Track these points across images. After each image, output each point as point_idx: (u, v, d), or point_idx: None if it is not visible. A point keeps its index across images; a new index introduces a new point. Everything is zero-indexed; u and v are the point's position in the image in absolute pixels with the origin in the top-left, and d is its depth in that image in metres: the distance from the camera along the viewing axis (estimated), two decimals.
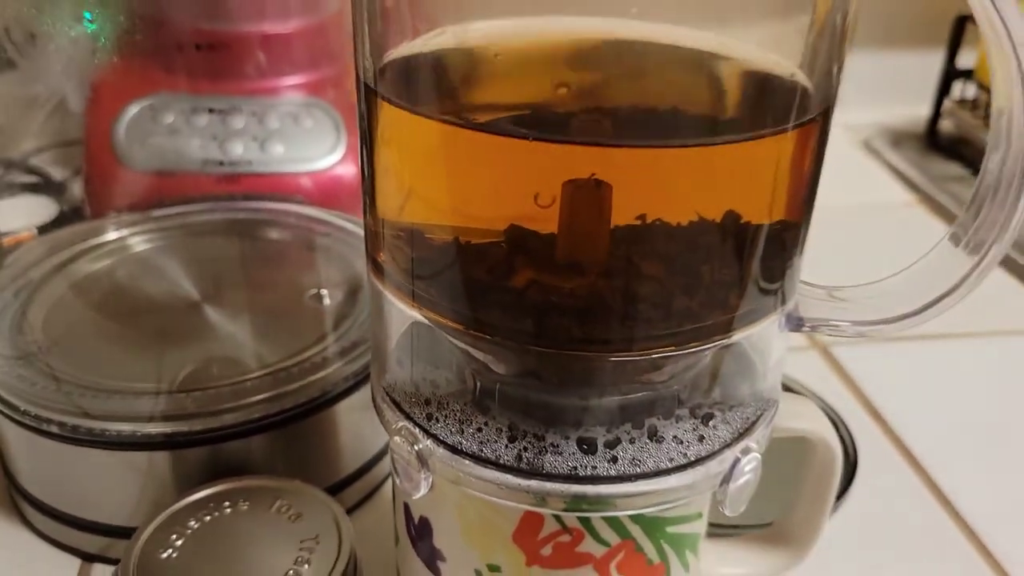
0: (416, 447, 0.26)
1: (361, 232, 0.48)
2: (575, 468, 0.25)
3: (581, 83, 0.26)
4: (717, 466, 0.26)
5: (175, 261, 0.45)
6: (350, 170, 0.55)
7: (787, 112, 0.24)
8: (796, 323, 0.27)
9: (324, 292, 0.44)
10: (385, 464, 0.43)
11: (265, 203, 0.51)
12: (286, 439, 0.38)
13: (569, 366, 0.25)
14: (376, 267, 0.27)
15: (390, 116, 0.25)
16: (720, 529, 0.34)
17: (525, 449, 0.25)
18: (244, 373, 0.39)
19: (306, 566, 0.32)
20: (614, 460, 0.25)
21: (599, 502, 0.25)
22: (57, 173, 0.62)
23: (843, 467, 0.42)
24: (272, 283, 0.45)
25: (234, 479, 0.36)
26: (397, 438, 0.26)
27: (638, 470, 0.25)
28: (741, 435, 0.26)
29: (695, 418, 0.26)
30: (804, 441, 0.32)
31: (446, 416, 0.26)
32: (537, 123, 0.25)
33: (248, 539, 0.33)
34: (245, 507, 0.35)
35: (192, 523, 0.34)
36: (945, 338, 0.56)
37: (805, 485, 0.33)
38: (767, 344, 0.27)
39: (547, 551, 0.27)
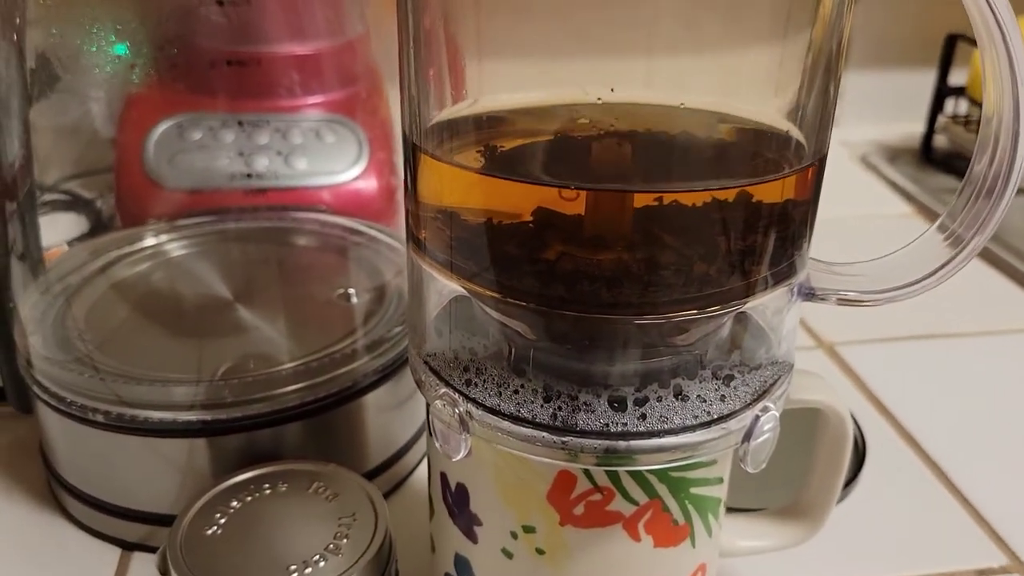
0: (457, 410, 0.28)
1: (384, 238, 0.50)
2: (607, 425, 0.26)
3: (600, 117, 0.28)
4: (738, 423, 0.27)
5: (209, 265, 0.47)
6: (371, 184, 0.57)
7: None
8: (807, 293, 0.29)
9: (352, 291, 0.46)
10: (412, 456, 0.45)
11: (291, 212, 0.53)
12: (317, 428, 0.40)
13: (598, 330, 0.26)
14: (417, 244, 0.29)
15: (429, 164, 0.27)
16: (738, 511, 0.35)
17: (560, 408, 0.27)
18: (277, 366, 0.40)
19: (344, 540, 0.34)
20: (643, 417, 0.26)
21: (628, 456, 0.26)
22: (88, 194, 0.64)
23: (852, 455, 0.44)
24: (302, 284, 0.47)
25: (272, 463, 0.38)
26: (439, 403, 0.28)
27: (665, 426, 0.27)
28: (760, 395, 0.28)
29: (717, 379, 0.28)
30: (816, 415, 0.33)
31: (484, 381, 0.28)
32: (561, 146, 0.28)
33: (288, 517, 0.35)
34: (284, 488, 0.36)
35: (234, 503, 0.36)
36: (948, 337, 0.58)
37: (818, 458, 0.35)
38: (781, 312, 0.28)
39: (579, 510, 0.29)
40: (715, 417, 0.27)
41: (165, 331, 0.43)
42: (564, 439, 0.26)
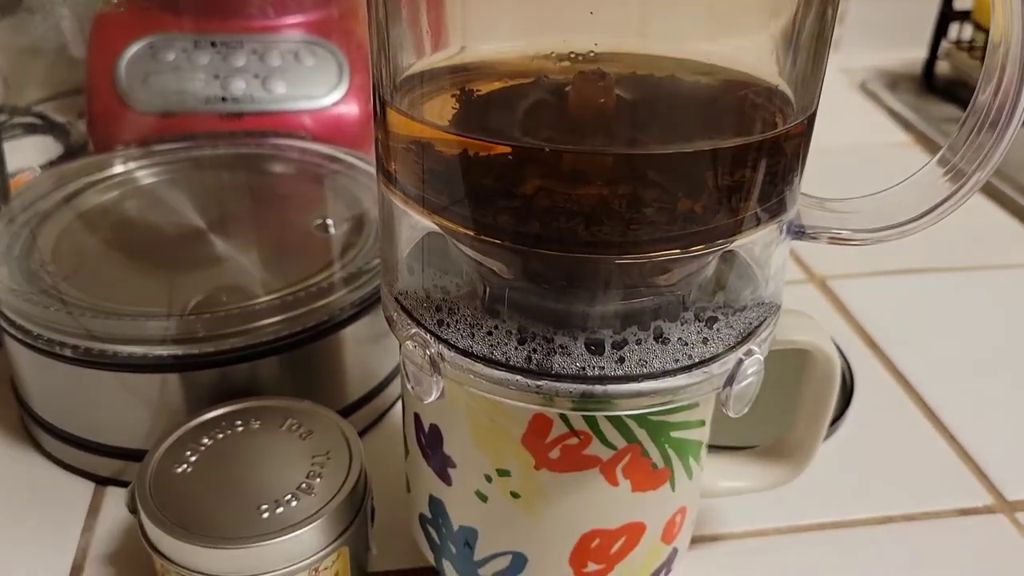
0: (428, 352, 0.27)
1: (364, 166, 0.49)
2: (583, 368, 0.25)
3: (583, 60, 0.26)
4: (720, 367, 0.26)
5: (181, 193, 0.45)
6: (352, 109, 0.56)
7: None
8: (797, 231, 0.28)
9: (330, 222, 0.44)
10: (391, 391, 0.44)
11: (269, 139, 0.52)
12: (293, 363, 0.39)
13: (576, 269, 0.25)
14: (387, 177, 0.27)
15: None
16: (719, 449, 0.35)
17: (534, 351, 0.26)
18: (251, 299, 0.39)
19: (318, 480, 0.33)
20: (621, 361, 0.25)
21: (606, 400, 0.25)
22: (60, 117, 0.62)
23: (840, 392, 0.43)
24: (278, 213, 0.45)
25: (245, 400, 0.37)
26: (409, 344, 0.27)
27: (644, 370, 0.26)
28: (744, 338, 0.27)
29: (700, 321, 0.26)
30: (804, 355, 0.32)
31: (457, 321, 0.27)
32: (540, 89, 0.27)
33: (260, 455, 0.34)
34: (257, 425, 0.36)
35: (205, 440, 0.35)
36: (944, 272, 0.57)
37: (804, 399, 0.34)
38: (768, 251, 0.27)
39: (555, 454, 0.28)
40: (696, 361, 0.26)
41: (135, 262, 0.41)
42: (539, 383, 0.25)
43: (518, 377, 0.26)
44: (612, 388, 0.25)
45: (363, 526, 0.34)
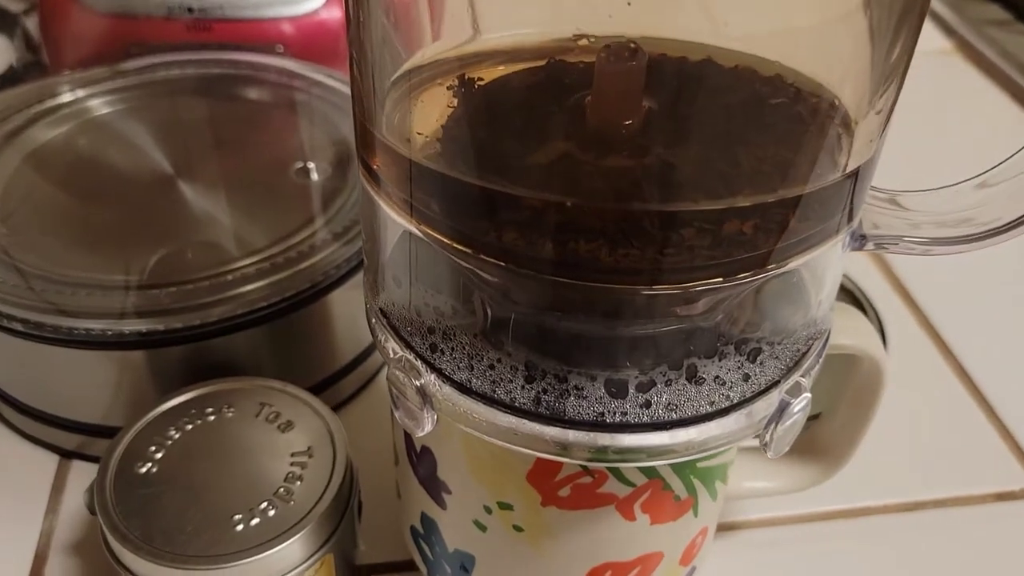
0: (418, 382, 0.23)
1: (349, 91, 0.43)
2: (602, 414, 0.21)
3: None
4: (764, 408, 0.22)
5: (143, 127, 0.40)
6: (335, 15, 0.50)
7: None
8: (859, 241, 0.23)
9: (311, 166, 0.39)
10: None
11: (241, 55, 0.46)
12: (274, 334, 0.35)
13: (596, 299, 0.21)
14: (369, 173, 0.22)
15: None
16: None
17: (544, 391, 0.22)
18: (225, 261, 0.35)
19: (298, 483, 0.30)
20: (647, 405, 0.21)
21: (630, 452, 0.22)
22: (13, 6, 0.56)
23: None
24: (253, 153, 0.40)
25: (217, 381, 0.33)
26: (396, 371, 0.23)
27: (674, 416, 0.22)
28: (790, 369, 0.23)
29: (740, 355, 0.22)
30: (850, 356, 0.28)
31: (453, 349, 0.22)
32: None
33: (234, 453, 0.31)
34: (230, 414, 0.32)
35: (172, 432, 0.31)
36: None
37: (844, 400, 0.30)
38: (825, 266, 0.23)
39: (565, 492, 0.24)
40: (736, 402, 0.22)
41: (93, 217, 0.37)
42: (549, 430, 0.21)
43: (525, 422, 0.22)
44: (636, 439, 0.22)
45: (349, 527, 0.31)
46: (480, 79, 0.22)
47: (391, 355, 0.23)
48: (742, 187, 0.21)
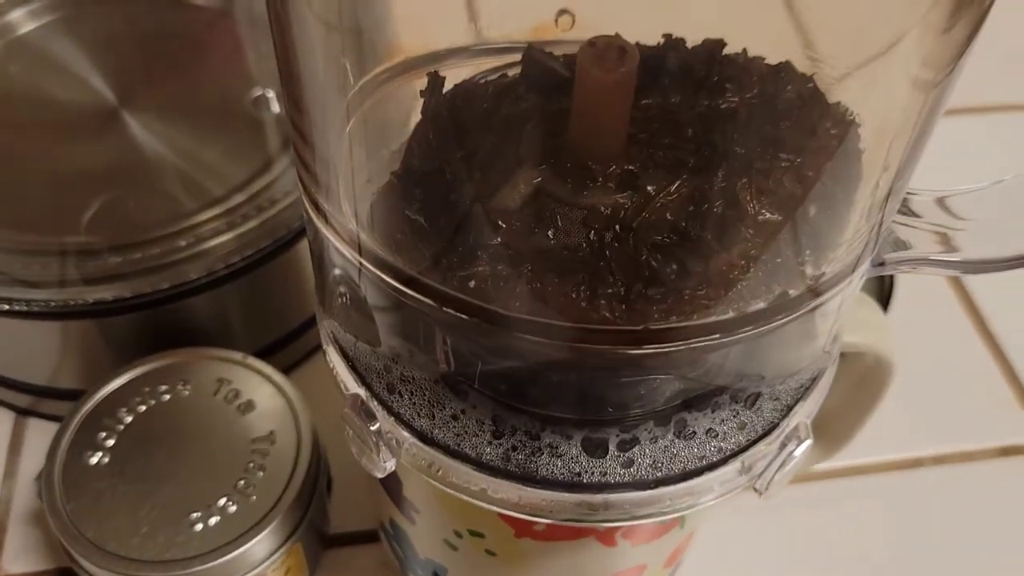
0: (374, 426, 0.20)
1: None
2: (579, 474, 0.19)
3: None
4: (761, 455, 0.20)
5: (77, 46, 0.36)
6: None
7: None
8: (877, 264, 0.20)
9: (270, 95, 0.35)
10: None
11: None
12: (237, 295, 0.32)
13: (572, 358, 0.18)
14: (312, 202, 0.19)
15: None
16: None
17: (514, 448, 0.19)
18: (179, 216, 0.31)
19: (260, 473, 0.28)
20: (628, 464, 0.19)
21: (611, 512, 0.19)
22: None
23: (878, 289, 0.37)
24: (205, 79, 0.36)
25: (171, 353, 0.30)
26: (348, 410, 0.20)
27: (659, 474, 0.19)
28: (791, 408, 0.21)
29: (737, 403, 0.20)
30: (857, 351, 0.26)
31: (412, 393, 0.20)
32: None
33: (190, 439, 0.29)
34: (187, 392, 0.30)
35: (124, 414, 0.29)
36: None
37: (849, 393, 0.28)
38: (842, 300, 0.20)
39: (541, 527, 0.22)
40: (728, 455, 0.20)
41: (25, 161, 0.33)
42: (521, 491, 0.19)
43: (491, 480, 0.19)
44: (616, 497, 0.19)
45: (318, 510, 0.29)
46: (439, 86, 0.19)
47: (344, 390, 0.21)
48: (749, 231, 0.17)
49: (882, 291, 0.40)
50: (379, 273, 0.18)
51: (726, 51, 0.20)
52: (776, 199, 0.18)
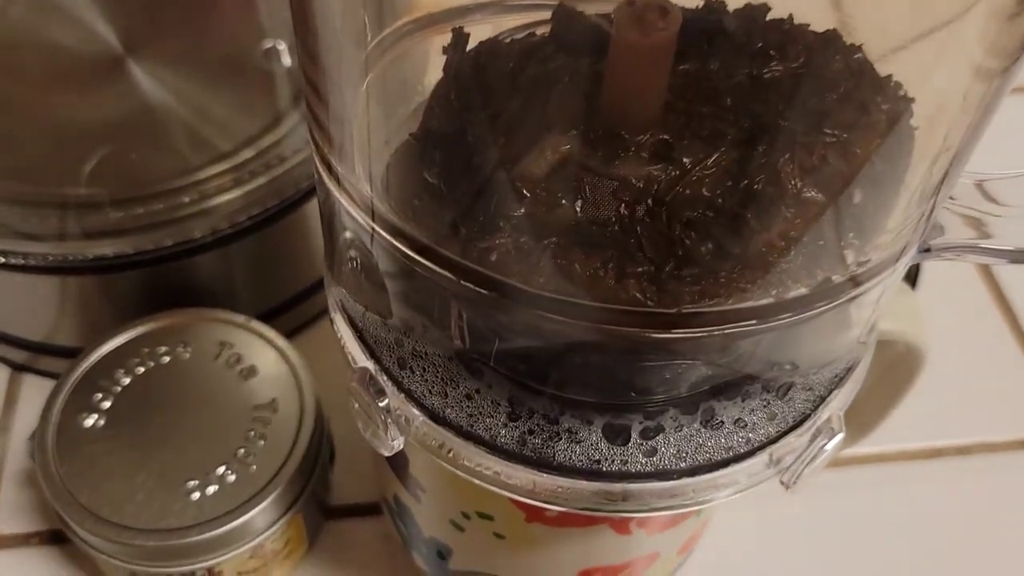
0: (382, 402, 0.19)
1: None
2: (598, 461, 0.18)
3: None
4: (790, 448, 0.19)
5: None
6: None
7: None
8: (923, 248, 0.19)
9: (281, 47, 0.34)
10: None
11: None
12: (240, 255, 0.31)
13: (596, 336, 0.17)
14: (326, 165, 0.18)
15: None
16: None
17: (531, 432, 0.18)
18: (184, 170, 0.30)
19: (261, 442, 0.27)
20: (651, 452, 0.18)
21: (631, 502, 0.18)
22: None
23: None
24: (215, 28, 0.34)
25: (172, 313, 0.29)
26: (355, 384, 0.19)
27: (683, 464, 0.18)
28: (823, 399, 0.19)
29: (768, 392, 0.19)
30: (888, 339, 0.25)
31: (424, 369, 0.19)
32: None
33: (189, 403, 0.28)
34: (187, 355, 0.29)
35: (122, 375, 0.28)
36: None
37: (877, 381, 0.26)
38: (884, 285, 0.19)
39: (553, 513, 0.21)
40: (756, 446, 0.19)
41: (27, 109, 0.32)
42: (536, 477, 0.18)
43: (506, 465, 0.18)
44: (636, 487, 0.18)
45: (320, 481, 0.28)
46: (463, 43, 0.17)
47: (351, 363, 0.20)
48: (790, 210, 0.16)
49: (909, 272, 0.38)
50: (393, 240, 0.17)
51: (769, 16, 0.18)
52: (820, 177, 0.17)
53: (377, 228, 0.17)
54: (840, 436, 0.19)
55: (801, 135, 0.17)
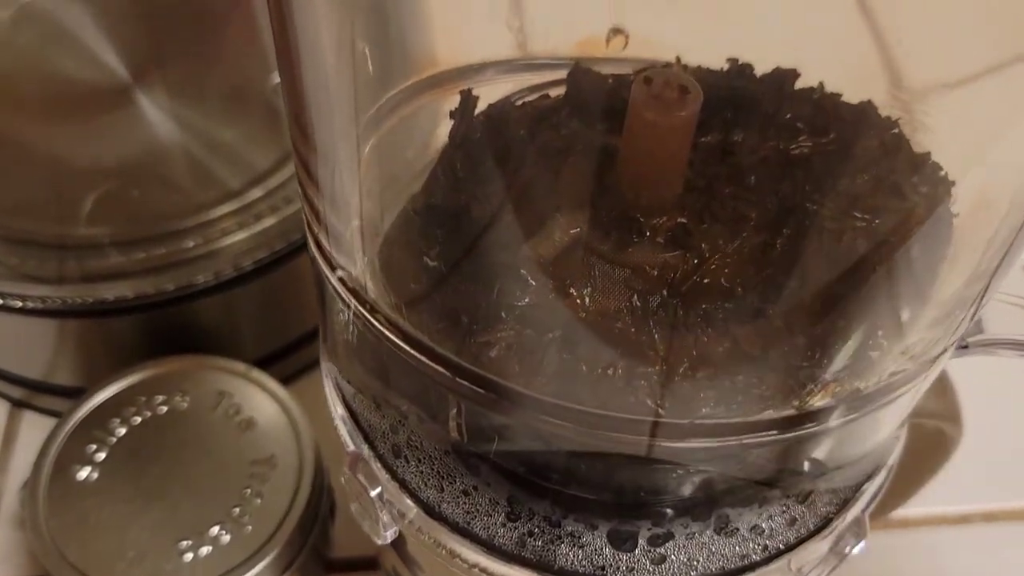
0: (374, 492, 0.18)
1: None
2: (602, 568, 0.17)
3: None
4: (809, 556, 0.18)
5: (89, 18, 0.33)
6: None
7: None
8: (960, 345, 0.18)
9: None
10: None
11: None
12: (243, 299, 0.30)
13: (605, 445, 0.16)
14: (318, 247, 0.17)
15: None
16: None
17: (531, 534, 0.17)
18: (187, 211, 0.29)
19: (257, 501, 0.26)
20: (660, 560, 0.17)
21: None
22: None
23: None
24: (225, 61, 0.34)
25: (171, 360, 0.28)
26: (348, 471, 0.18)
27: (694, 573, 0.17)
28: (847, 501, 0.18)
29: (789, 497, 0.17)
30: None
31: (419, 460, 0.18)
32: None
33: (186, 459, 0.27)
34: (185, 405, 0.28)
35: (118, 427, 0.27)
36: None
37: (906, 453, 0.25)
38: (921, 389, 0.17)
39: None
40: (774, 553, 0.17)
41: (29, 142, 0.31)
42: None
43: (503, 565, 0.17)
44: None
45: (320, 538, 0.27)
46: (471, 106, 0.16)
47: (345, 446, 0.19)
48: (817, 306, 0.15)
49: None
50: (386, 332, 0.16)
51: (799, 84, 0.17)
52: (851, 270, 0.15)
53: (369, 317, 0.16)
54: (864, 541, 0.18)
55: (828, 220, 0.16)
